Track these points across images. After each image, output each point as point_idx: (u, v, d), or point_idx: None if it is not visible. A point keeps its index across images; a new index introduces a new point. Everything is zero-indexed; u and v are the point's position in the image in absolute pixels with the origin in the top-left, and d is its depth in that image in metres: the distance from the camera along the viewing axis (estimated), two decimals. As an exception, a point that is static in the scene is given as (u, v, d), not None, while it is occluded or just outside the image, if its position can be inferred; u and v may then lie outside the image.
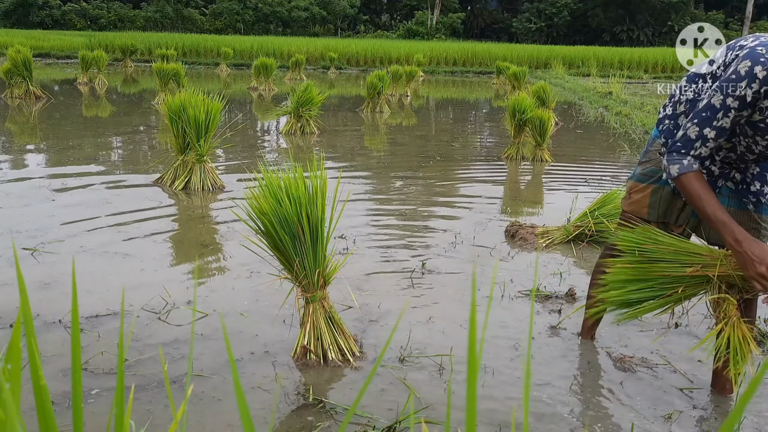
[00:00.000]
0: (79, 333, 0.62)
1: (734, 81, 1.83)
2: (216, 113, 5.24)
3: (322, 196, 2.47)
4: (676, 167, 1.97)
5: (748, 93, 1.82)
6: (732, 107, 1.85)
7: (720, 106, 1.86)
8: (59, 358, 2.49)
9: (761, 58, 1.78)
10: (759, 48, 1.80)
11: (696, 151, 1.94)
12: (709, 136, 1.91)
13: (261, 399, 2.28)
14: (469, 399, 0.46)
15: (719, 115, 1.87)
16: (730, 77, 1.84)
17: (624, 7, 44.66)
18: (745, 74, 1.80)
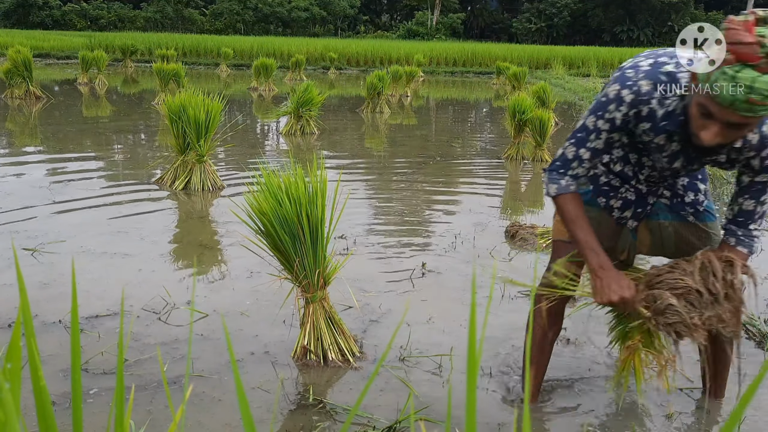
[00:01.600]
0: (78, 333, 0.62)
1: (604, 104, 1.83)
2: (216, 113, 5.24)
3: (322, 197, 2.47)
4: (554, 187, 1.94)
5: (617, 116, 1.81)
6: (603, 129, 1.84)
7: (592, 128, 1.85)
8: (59, 359, 2.49)
9: (628, 81, 1.78)
10: (628, 71, 1.80)
11: (573, 171, 1.92)
12: (584, 156, 1.89)
13: (261, 399, 2.28)
14: (469, 399, 0.46)
15: (591, 136, 1.86)
16: (601, 99, 1.84)
17: (624, 7, 44.67)
18: (613, 97, 1.80)
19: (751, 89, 1.51)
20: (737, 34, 1.50)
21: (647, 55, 1.84)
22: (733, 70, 1.52)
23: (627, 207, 2.07)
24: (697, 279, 1.85)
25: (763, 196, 1.87)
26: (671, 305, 1.84)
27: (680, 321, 1.83)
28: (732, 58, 1.52)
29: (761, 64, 1.49)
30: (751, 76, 1.50)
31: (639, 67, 1.79)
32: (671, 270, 1.91)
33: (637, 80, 1.76)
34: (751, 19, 1.50)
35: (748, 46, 1.48)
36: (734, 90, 1.53)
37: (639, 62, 1.81)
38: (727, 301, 1.85)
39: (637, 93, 1.77)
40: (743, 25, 1.51)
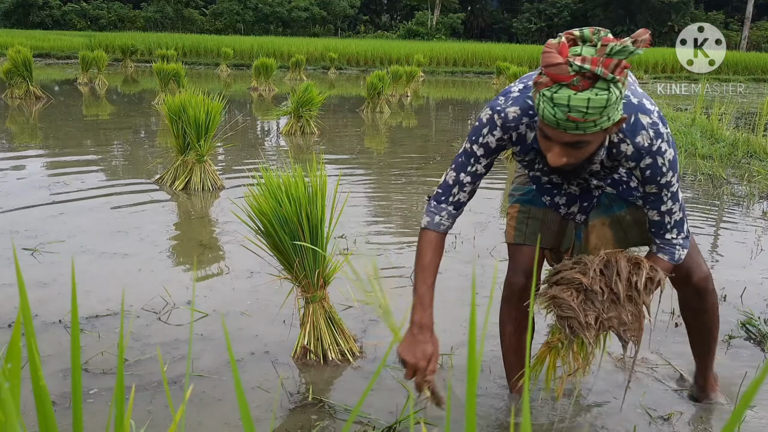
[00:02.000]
0: (78, 333, 0.62)
1: (478, 128, 1.86)
2: (216, 113, 5.24)
3: (321, 197, 2.47)
4: (427, 219, 1.93)
5: (490, 140, 1.84)
6: (479, 155, 1.87)
7: (470, 152, 1.88)
8: (59, 358, 2.49)
9: (498, 107, 1.81)
10: (500, 97, 1.84)
11: (455, 197, 1.92)
12: (464, 181, 1.90)
13: (261, 399, 2.28)
14: (469, 399, 0.46)
15: (471, 160, 1.88)
16: (476, 124, 1.87)
17: (624, 7, 44.69)
18: (486, 122, 1.83)
19: (569, 108, 1.53)
20: (549, 57, 1.53)
21: (521, 79, 1.88)
22: (550, 91, 1.55)
23: (572, 202, 2.05)
24: (595, 276, 1.83)
25: (662, 205, 1.83)
26: (563, 299, 1.83)
27: (574, 317, 1.82)
28: (548, 80, 1.55)
29: (574, 82, 1.51)
30: (567, 95, 1.53)
31: (509, 93, 1.83)
32: (573, 266, 1.89)
33: (506, 107, 1.81)
34: (563, 40, 1.55)
35: (559, 66, 1.52)
36: (554, 110, 1.56)
37: (511, 87, 1.86)
38: (630, 303, 1.82)
39: (505, 119, 1.81)
40: (556, 47, 1.54)
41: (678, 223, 1.87)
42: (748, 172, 6.58)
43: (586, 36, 1.54)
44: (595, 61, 1.50)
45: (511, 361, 2.27)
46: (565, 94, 1.53)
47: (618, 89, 1.54)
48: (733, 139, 7.95)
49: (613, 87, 1.53)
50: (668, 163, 1.76)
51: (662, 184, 1.78)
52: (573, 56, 1.52)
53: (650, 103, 1.78)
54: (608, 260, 1.86)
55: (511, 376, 2.29)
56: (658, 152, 1.74)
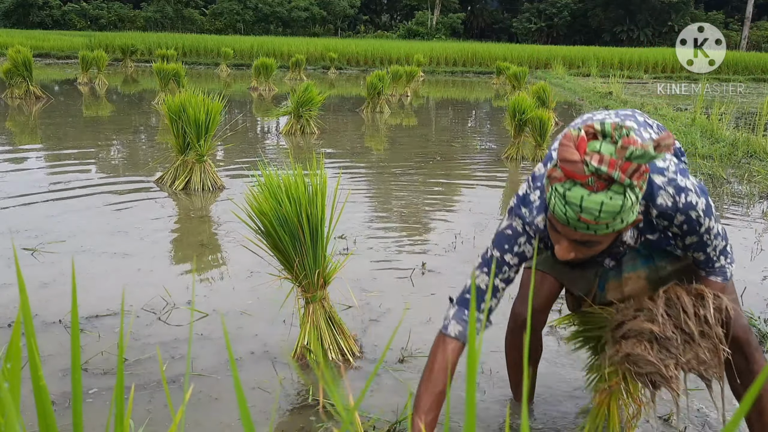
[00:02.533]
0: (78, 333, 0.62)
1: (511, 237, 1.77)
2: (216, 113, 5.24)
3: (322, 196, 2.47)
4: (452, 325, 1.78)
5: (527, 249, 1.76)
6: (513, 263, 1.78)
7: (502, 261, 1.78)
8: (59, 358, 2.49)
9: (527, 218, 1.73)
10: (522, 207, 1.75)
11: (485, 303, 1.83)
12: (500, 286, 1.78)
13: (261, 399, 2.28)
14: (469, 399, 0.46)
15: (504, 268, 1.78)
16: (506, 232, 1.79)
17: (624, 7, 44.68)
18: (522, 231, 1.75)
19: (581, 208, 1.45)
20: (566, 151, 1.45)
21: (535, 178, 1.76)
22: (563, 187, 1.47)
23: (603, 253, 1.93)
24: (664, 321, 1.70)
25: (707, 248, 1.71)
26: (640, 355, 1.70)
27: (655, 371, 1.69)
28: (562, 175, 1.47)
29: (589, 182, 1.43)
30: (580, 195, 1.44)
31: (531, 204, 1.74)
32: (635, 315, 1.77)
33: (533, 220, 1.72)
34: (582, 134, 1.46)
35: (574, 164, 1.43)
36: (565, 208, 1.47)
37: (528, 194, 1.75)
38: (704, 339, 1.69)
39: (537, 229, 1.73)
40: (574, 141, 1.46)
41: (723, 251, 1.76)
42: (748, 172, 6.58)
43: (607, 131, 1.45)
44: (613, 164, 1.41)
45: (516, 381, 2.28)
46: (578, 194, 1.44)
47: (635, 194, 1.45)
48: (733, 139, 7.95)
49: (630, 192, 1.44)
50: (702, 213, 1.63)
51: (702, 232, 1.67)
52: (591, 153, 1.43)
53: (661, 160, 1.65)
54: (669, 298, 1.75)
55: (517, 390, 2.30)
56: (687, 207, 1.61)
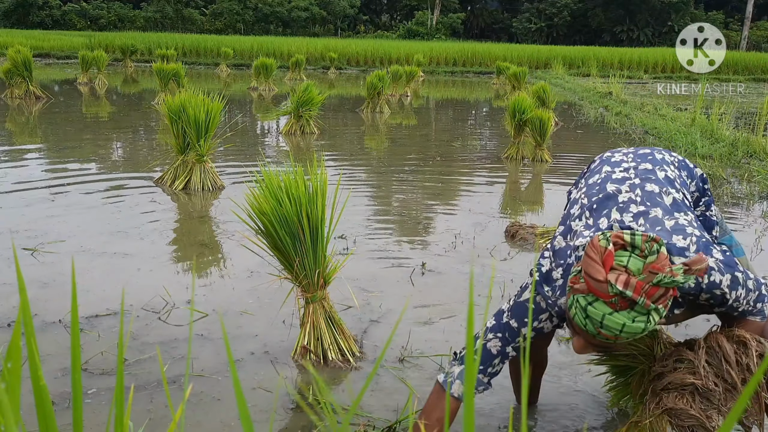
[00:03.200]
0: (78, 333, 0.62)
1: (534, 312, 1.74)
2: (216, 113, 5.24)
3: (322, 196, 2.47)
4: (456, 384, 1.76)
5: (547, 326, 1.76)
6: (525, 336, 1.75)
7: (518, 332, 1.75)
8: (59, 358, 2.49)
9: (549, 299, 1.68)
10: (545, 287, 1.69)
11: (494, 369, 1.80)
12: (510, 354, 1.77)
13: (261, 399, 2.28)
14: (468, 399, 0.46)
15: (518, 340, 1.75)
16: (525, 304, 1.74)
17: (624, 7, 44.67)
18: (544, 307, 1.72)
19: (601, 325, 1.43)
20: (591, 267, 1.42)
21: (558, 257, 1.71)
22: (585, 300, 1.44)
23: None
24: (706, 373, 1.67)
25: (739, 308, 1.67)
26: (683, 410, 1.67)
27: (698, 424, 1.65)
28: (585, 288, 1.44)
29: (613, 301, 1.40)
30: (601, 312, 1.42)
31: (553, 282, 1.69)
32: (675, 367, 1.73)
33: (557, 300, 1.69)
34: (611, 248, 1.42)
35: (599, 283, 1.41)
36: (585, 321, 1.46)
37: (551, 272, 1.70)
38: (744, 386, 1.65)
39: (560, 311, 1.70)
40: (601, 254, 1.42)
41: (758, 298, 1.69)
42: (748, 172, 6.58)
43: (637, 243, 1.41)
44: (639, 289, 1.38)
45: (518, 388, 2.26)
46: (600, 311, 1.42)
47: (658, 314, 1.41)
48: (733, 139, 7.95)
49: (653, 314, 1.41)
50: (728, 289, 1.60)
51: (730, 303, 1.63)
52: (618, 268, 1.40)
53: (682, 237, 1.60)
54: (710, 347, 1.71)
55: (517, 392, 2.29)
56: (711, 286, 1.59)
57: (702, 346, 1.72)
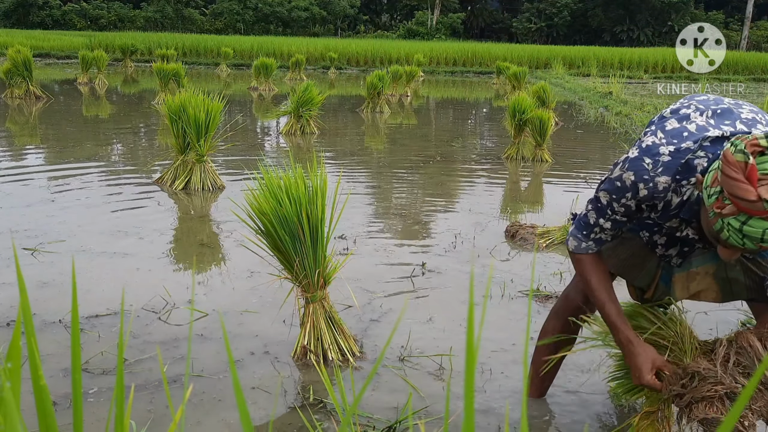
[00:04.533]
0: (79, 332, 0.62)
1: (619, 189, 1.65)
2: (216, 113, 5.24)
3: (322, 196, 2.47)
4: (574, 244, 1.83)
5: (632, 204, 1.65)
6: (618, 211, 1.69)
7: (606, 204, 1.70)
8: (59, 358, 2.49)
9: (645, 174, 1.58)
10: (645, 158, 1.59)
11: (596, 236, 1.78)
12: (605, 226, 1.74)
13: (261, 399, 2.28)
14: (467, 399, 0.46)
15: (608, 211, 1.71)
16: (615, 182, 1.65)
17: (624, 7, 44.67)
18: (629, 186, 1.62)
19: (762, 240, 1.36)
20: (737, 188, 1.33)
21: (670, 136, 1.61)
22: (738, 221, 1.37)
23: (673, 244, 1.83)
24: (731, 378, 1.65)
25: None
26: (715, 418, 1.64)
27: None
28: (735, 210, 1.36)
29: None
30: (761, 229, 1.34)
31: (658, 156, 1.58)
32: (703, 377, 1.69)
33: (655, 176, 1.58)
34: (752, 162, 1.32)
35: (752, 203, 1.33)
36: (742, 240, 1.39)
37: (658, 146, 1.59)
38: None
39: (654, 190, 1.59)
40: (743, 169, 1.33)
41: None
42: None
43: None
44: None
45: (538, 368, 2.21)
46: (758, 227, 1.34)
47: None
48: (733, 139, 7.94)
49: None
50: None
51: None
52: (765, 178, 1.31)
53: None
54: (741, 347, 1.69)
55: (533, 380, 2.28)
56: None
57: (723, 345, 1.71)
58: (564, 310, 2.11)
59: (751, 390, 0.44)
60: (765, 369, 1.69)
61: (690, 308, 2.82)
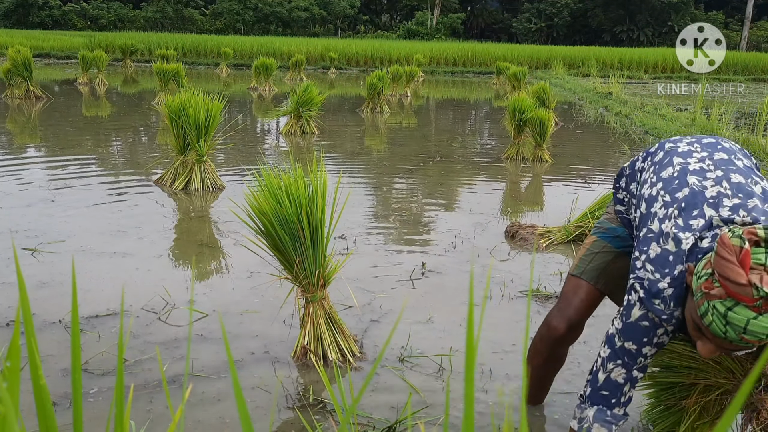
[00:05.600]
0: (79, 333, 0.62)
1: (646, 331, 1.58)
2: (216, 113, 5.24)
3: (322, 197, 2.47)
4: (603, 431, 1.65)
5: (665, 340, 1.60)
6: (650, 354, 1.62)
7: (637, 353, 1.62)
8: (59, 358, 2.49)
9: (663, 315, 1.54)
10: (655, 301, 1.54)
11: (625, 396, 1.65)
12: (638, 377, 1.65)
13: (261, 399, 2.28)
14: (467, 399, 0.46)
15: (639, 360, 1.62)
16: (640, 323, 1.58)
17: (624, 7, 44.67)
18: (658, 322, 1.58)
19: (744, 331, 1.32)
20: (729, 269, 1.30)
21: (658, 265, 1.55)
22: (724, 306, 1.33)
23: None
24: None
25: None
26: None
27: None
28: (723, 293, 1.33)
29: (757, 305, 1.29)
30: (745, 318, 1.31)
31: (662, 293, 1.54)
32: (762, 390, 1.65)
33: (672, 314, 1.55)
34: (747, 246, 1.30)
35: (741, 287, 1.29)
36: (726, 329, 1.34)
37: (657, 284, 1.54)
38: None
39: (677, 326, 1.57)
40: (736, 254, 1.31)
41: None
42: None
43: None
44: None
45: (532, 383, 2.24)
46: (742, 316, 1.30)
47: None
48: (733, 139, 7.95)
49: None
50: None
51: None
52: (757, 267, 1.29)
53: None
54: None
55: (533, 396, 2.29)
56: None
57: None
58: (547, 336, 2.06)
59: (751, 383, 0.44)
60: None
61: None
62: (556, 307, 2.05)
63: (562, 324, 2.01)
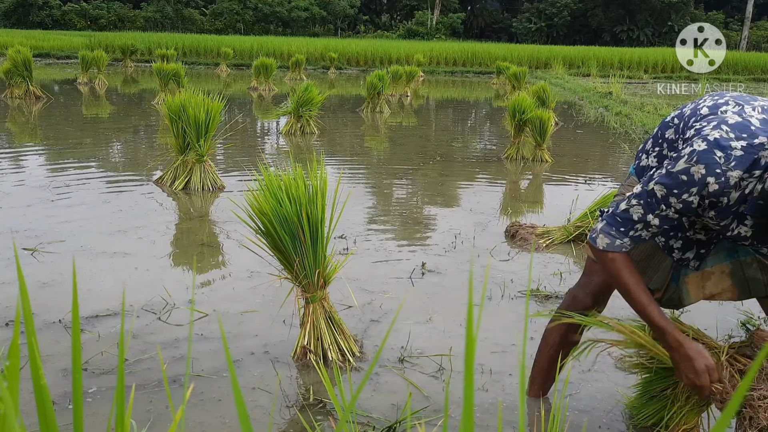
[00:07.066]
0: (79, 333, 0.62)
1: (684, 183, 1.57)
2: (216, 113, 5.25)
3: (322, 196, 2.47)
4: (606, 241, 1.72)
5: (694, 200, 1.58)
6: (674, 207, 1.61)
7: (661, 199, 1.62)
8: (59, 358, 2.49)
9: (717, 168, 1.52)
10: (716, 150, 1.53)
11: (636, 233, 1.70)
12: (652, 222, 1.66)
13: (261, 399, 2.29)
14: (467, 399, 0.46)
15: (662, 206, 1.63)
16: (680, 177, 1.57)
17: (624, 7, 44.66)
18: (698, 180, 1.54)
19: None
20: None
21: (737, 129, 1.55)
22: None
23: (689, 248, 1.82)
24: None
25: None
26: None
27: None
28: None
29: None
30: None
31: (730, 151, 1.53)
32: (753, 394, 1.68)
33: (727, 170, 1.53)
34: None
35: None
36: None
37: (729, 140, 1.54)
38: None
39: (725, 184, 1.54)
40: None
41: None
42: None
43: None
44: None
45: (542, 367, 2.23)
46: None
47: None
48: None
49: None
50: None
51: None
52: None
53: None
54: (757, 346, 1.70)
55: (535, 380, 2.27)
56: None
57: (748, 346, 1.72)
58: (571, 309, 2.06)
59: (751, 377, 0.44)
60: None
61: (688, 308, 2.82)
62: (581, 283, 2.09)
63: (588, 299, 2.05)
